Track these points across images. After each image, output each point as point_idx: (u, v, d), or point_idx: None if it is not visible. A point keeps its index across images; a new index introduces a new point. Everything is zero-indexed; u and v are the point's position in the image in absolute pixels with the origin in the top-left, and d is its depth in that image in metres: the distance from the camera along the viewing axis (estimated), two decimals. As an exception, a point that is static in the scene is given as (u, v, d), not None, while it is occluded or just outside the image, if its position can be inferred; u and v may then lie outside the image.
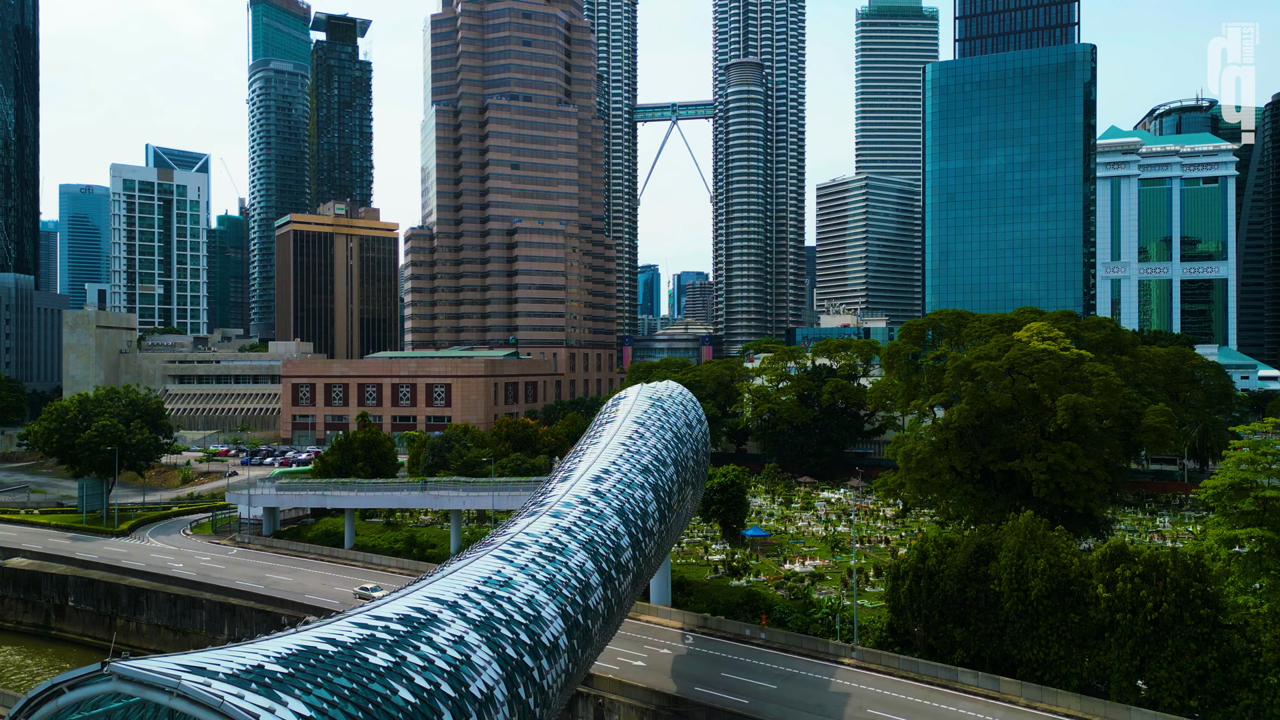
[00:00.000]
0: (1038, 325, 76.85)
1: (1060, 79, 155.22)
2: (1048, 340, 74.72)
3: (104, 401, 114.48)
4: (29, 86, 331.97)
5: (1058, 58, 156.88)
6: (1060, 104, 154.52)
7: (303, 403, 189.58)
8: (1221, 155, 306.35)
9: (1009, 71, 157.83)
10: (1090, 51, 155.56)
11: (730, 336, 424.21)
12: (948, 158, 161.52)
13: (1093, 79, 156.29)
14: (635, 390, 64.07)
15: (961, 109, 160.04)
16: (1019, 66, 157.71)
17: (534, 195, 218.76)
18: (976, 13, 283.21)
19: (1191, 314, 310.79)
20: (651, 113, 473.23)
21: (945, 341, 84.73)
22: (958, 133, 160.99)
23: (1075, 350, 75.22)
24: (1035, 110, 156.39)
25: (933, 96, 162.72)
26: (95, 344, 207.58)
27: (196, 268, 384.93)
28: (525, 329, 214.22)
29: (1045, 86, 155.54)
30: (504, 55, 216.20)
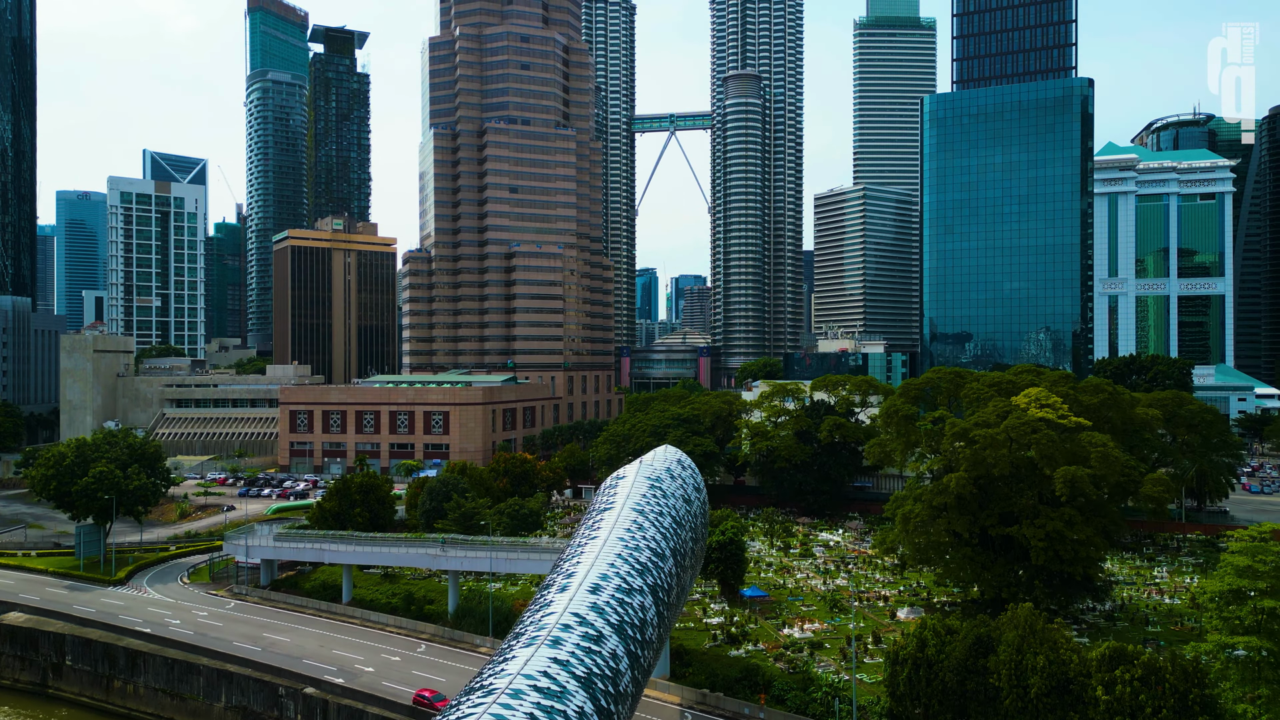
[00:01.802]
0: (1035, 391, 76.88)
1: (1058, 113, 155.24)
2: (1045, 408, 74.70)
3: (101, 446, 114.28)
4: (26, 101, 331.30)
5: (1055, 91, 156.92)
6: (1058, 137, 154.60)
7: (300, 429, 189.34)
8: (1219, 172, 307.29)
9: (1007, 105, 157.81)
10: (1087, 85, 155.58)
11: (728, 348, 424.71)
12: (945, 190, 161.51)
13: (1090, 113, 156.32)
14: (634, 471, 63.90)
15: (959, 141, 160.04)
16: (1016, 100, 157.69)
17: (532, 218, 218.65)
18: (974, 32, 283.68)
19: (1189, 329, 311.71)
20: (650, 123, 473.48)
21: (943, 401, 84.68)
22: (955, 165, 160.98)
23: (1073, 418, 75.21)
24: (1033, 143, 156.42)
25: (930, 128, 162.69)
26: (93, 368, 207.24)
27: (194, 280, 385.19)
28: (523, 352, 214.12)
29: (1043, 120, 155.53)
30: (502, 79, 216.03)
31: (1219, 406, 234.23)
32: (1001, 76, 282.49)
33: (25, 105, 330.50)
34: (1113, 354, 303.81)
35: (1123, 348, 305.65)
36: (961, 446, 73.33)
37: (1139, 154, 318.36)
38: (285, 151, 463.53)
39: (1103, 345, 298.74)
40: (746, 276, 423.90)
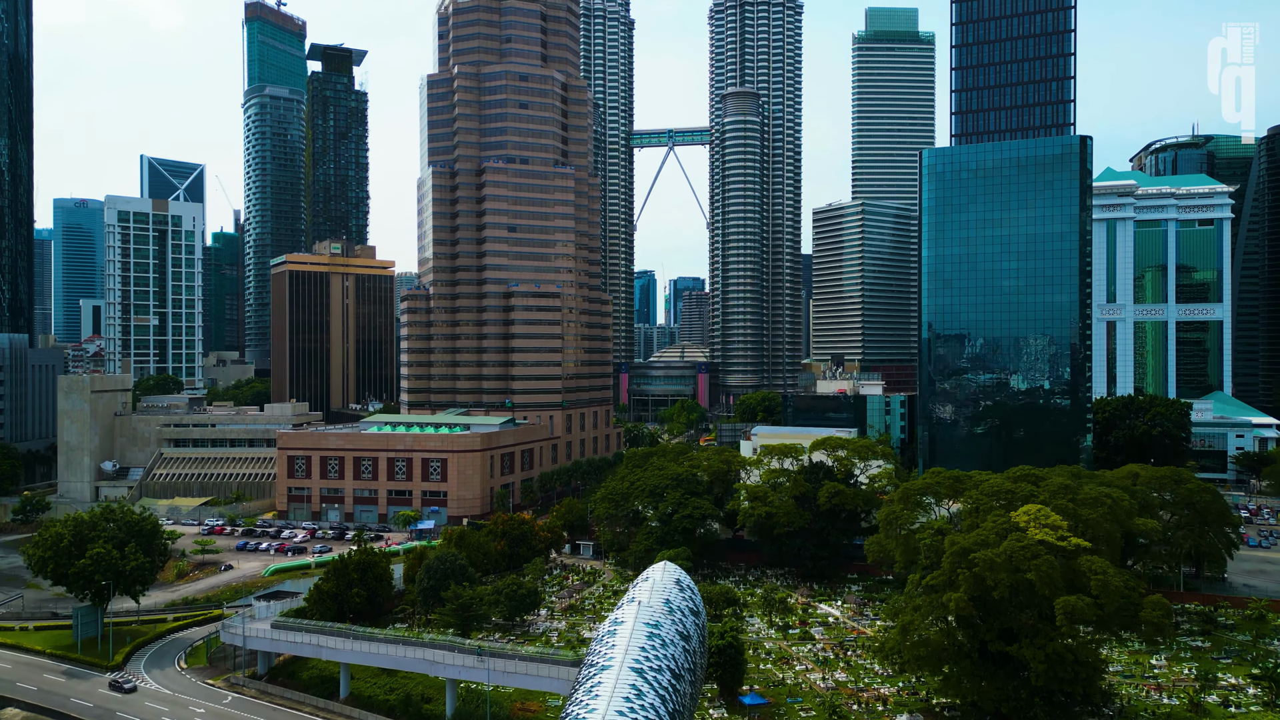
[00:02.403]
0: (1035, 509, 76.79)
1: (1055, 170, 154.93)
2: (1044, 528, 74.64)
3: (98, 523, 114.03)
4: (23, 123, 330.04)
5: (1054, 149, 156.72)
6: (1056, 194, 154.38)
7: (298, 475, 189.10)
8: (1217, 198, 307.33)
9: (1005, 161, 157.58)
10: (1085, 142, 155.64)
11: (727, 366, 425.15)
12: (944, 244, 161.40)
13: (1089, 168, 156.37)
14: (631, 617, 63.64)
15: (958, 196, 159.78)
16: (1015, 156, 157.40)
17: (531, 257, 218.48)
18: (971, 41, 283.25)
19: (1187, 354, 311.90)
20: (648, 138, 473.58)
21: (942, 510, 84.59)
22: (954, 219, 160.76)
23: (1073, 540, 75.13)
24: (1031, 200, 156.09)
25: (929, 182, 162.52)
26: (90, 409, 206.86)
27: (192, 298, 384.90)
28: (521, 392, 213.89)
29: (1041, 177, 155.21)
30: (501, 118, 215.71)
31: (1216, 444, 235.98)
32: (1001, 86, 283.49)
33: (22, 127, 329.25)
34: (1110, 380, 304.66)
35: (1120, 373, 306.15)
36: (962, 571, 73.25)
37: (1137, 179, 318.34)
38: (283, 167, 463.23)
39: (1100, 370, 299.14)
40: (745, 294, 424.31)
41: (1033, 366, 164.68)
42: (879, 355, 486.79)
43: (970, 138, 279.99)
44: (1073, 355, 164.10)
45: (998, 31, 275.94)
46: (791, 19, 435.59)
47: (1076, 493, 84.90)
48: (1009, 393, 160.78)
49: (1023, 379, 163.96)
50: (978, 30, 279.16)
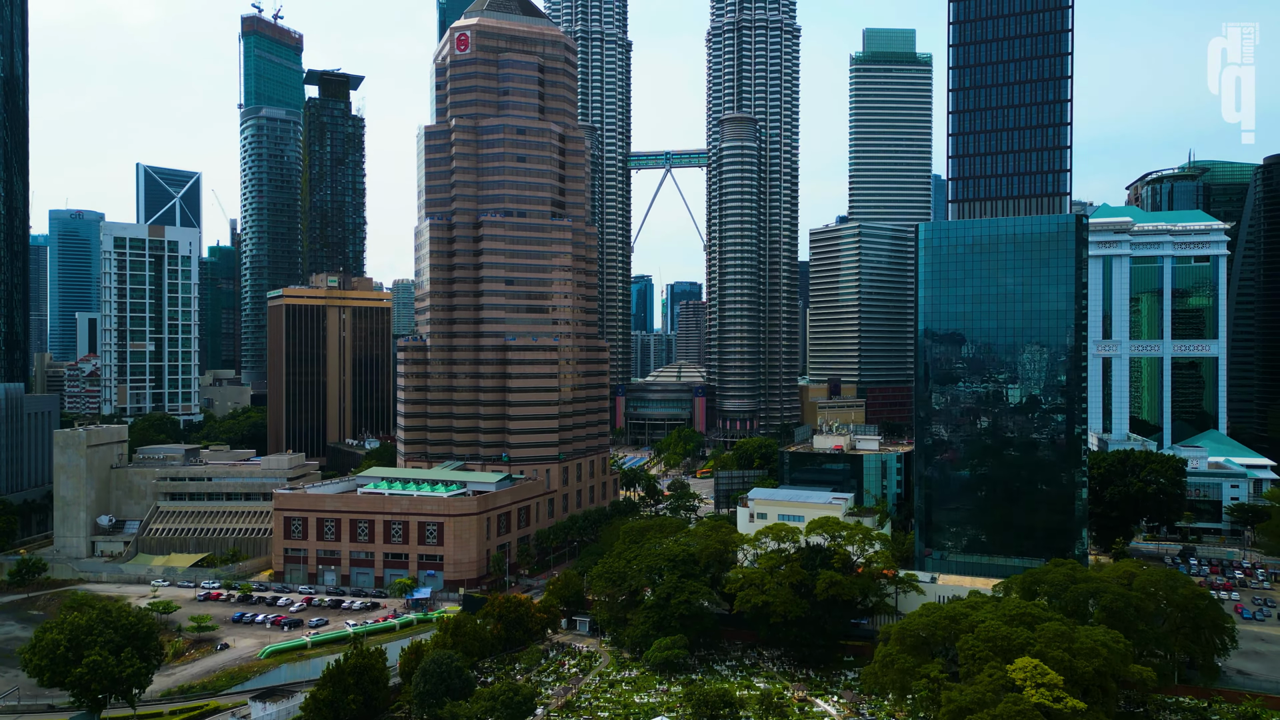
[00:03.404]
0: (1030, 665, 77.04)
1: (1052, 248, 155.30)
2: (1041, 688, 74.91)
3: (95, 628, 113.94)
4: (18, 154, 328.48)
5: (1050, 226, 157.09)
6: (1053, 271, 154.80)
7: (295, 536, 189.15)
8: (1213, 234, 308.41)
9: (1001, 237, 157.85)
10: (1080, 220, 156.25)
11: (724, 389, 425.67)
12: (940, 320, 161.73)
13: (1085, 238, 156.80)
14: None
15: (954, 270, 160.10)
16: (1012, 233, 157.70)
17: (528, 310, 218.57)
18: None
19: (1183, 384, 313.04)
20: (645, 160, 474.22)
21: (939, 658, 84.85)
22: (950, 294, 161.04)
23: (1070, 701, 75.42)
24: (1028, 276, 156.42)
25: (925, 255, 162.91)
26: (86, 463, 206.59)
27: (189, 323, 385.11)
28: (518, 446, 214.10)
29: (1038, 254, 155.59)
30: (499, 171, 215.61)
31: (1211, 493, 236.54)
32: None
33: (17, 159, 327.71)
34: (1105, 414, 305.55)
35: (1116, 409, 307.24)
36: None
37: (1133, 216, 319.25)
38: (280, 188, 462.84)
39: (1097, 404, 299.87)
40: (741, 318, 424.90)
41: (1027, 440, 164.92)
42: (875, 376, 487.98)
43: (967, 160, 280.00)
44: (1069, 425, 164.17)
45: (995, 53, 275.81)
46: (789, 43, 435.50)
47: (1073, 640, 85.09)
48: (1004, 453, 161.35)
49: (1016, 448, 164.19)
50: (975, 52, 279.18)
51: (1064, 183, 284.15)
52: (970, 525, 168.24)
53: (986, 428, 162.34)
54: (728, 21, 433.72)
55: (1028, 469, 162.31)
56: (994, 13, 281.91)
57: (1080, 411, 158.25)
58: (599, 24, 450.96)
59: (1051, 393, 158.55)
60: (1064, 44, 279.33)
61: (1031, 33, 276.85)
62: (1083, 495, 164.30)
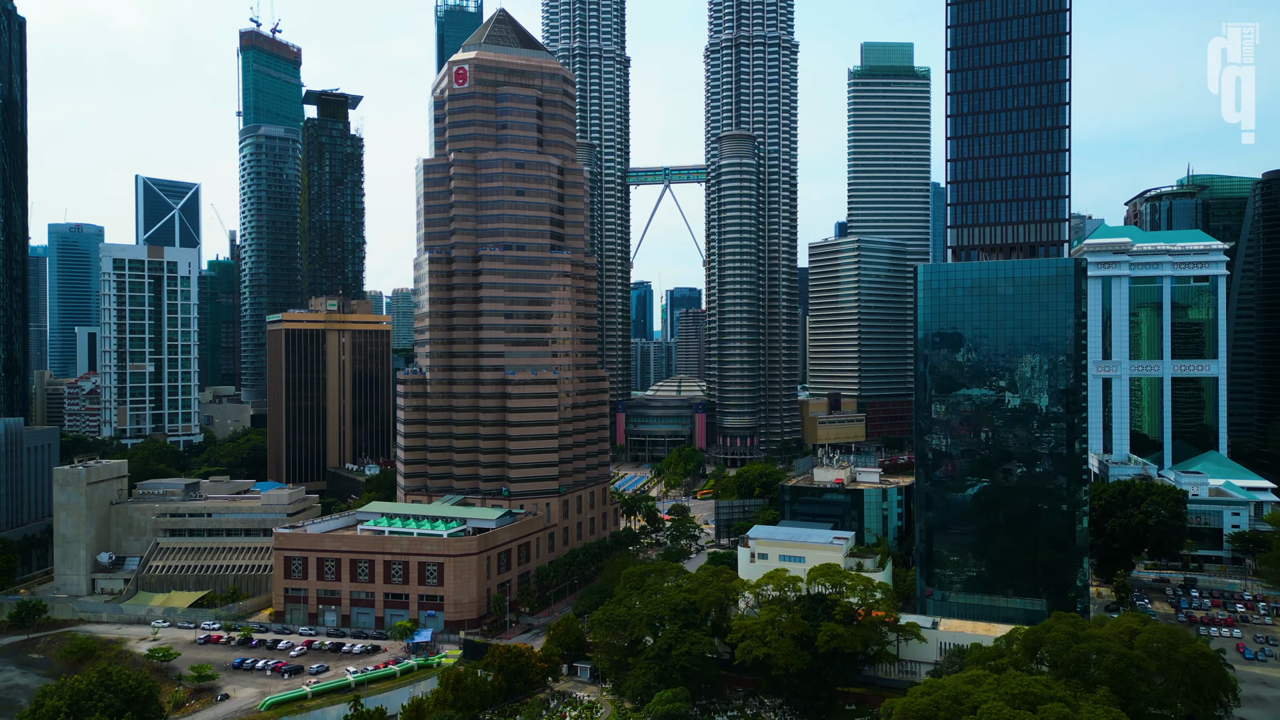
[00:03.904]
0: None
1: (1051, 291, 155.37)
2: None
3: (96, 692, 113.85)
4: (17, 181, 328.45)
5: (1049, 270, 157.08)
6: (1051, 314, 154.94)
7: (295, 575, 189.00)
8: (1212, 254, 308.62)
9: (1000, 279, 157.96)
10: (1079, 265, 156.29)
11: (724, 406, 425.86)
12: (940, 362, 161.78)
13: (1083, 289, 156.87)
14: None
15: (954, 313, 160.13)
16: (1010, 275, 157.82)
17: (528, 343, 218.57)
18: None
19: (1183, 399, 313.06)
20: (644, 176, 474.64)
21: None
22: (949, 336, 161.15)
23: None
24: (1027, 320, 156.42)
25: (925, 297, 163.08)
26: (86, 501, 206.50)
27: (188, 343, 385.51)
28: (518, 480, 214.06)
29: (1037, 298, 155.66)
30: (498, 205, 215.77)
31: (1212, 521, 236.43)
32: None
33: (16, 186, 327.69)
34: (1106, 431, 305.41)
35: (1116, 430, 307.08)
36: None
37: (1132, 236, 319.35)
38: (279, 207, 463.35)
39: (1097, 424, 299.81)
40: (741, 333, 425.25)
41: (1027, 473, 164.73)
42: (875, 391, 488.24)
43: (966, 163, 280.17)
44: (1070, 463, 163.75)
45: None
46: (787, 58, 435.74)
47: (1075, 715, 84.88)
48: (1005, 486, 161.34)
49: (1016, 483, 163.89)
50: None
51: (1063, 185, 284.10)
52: (971, 560, 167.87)
53: (987, 460, 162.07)
54: (725, 38, 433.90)
55: (1028, 499, 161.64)
56: (992, 16, 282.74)
57: (1081, 449, 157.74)
58: (597, 40, 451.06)
59: (1051, 435, 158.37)
60: (1062, 47, 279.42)
61: (1030, 36, 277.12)
62: (1084, 524, 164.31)
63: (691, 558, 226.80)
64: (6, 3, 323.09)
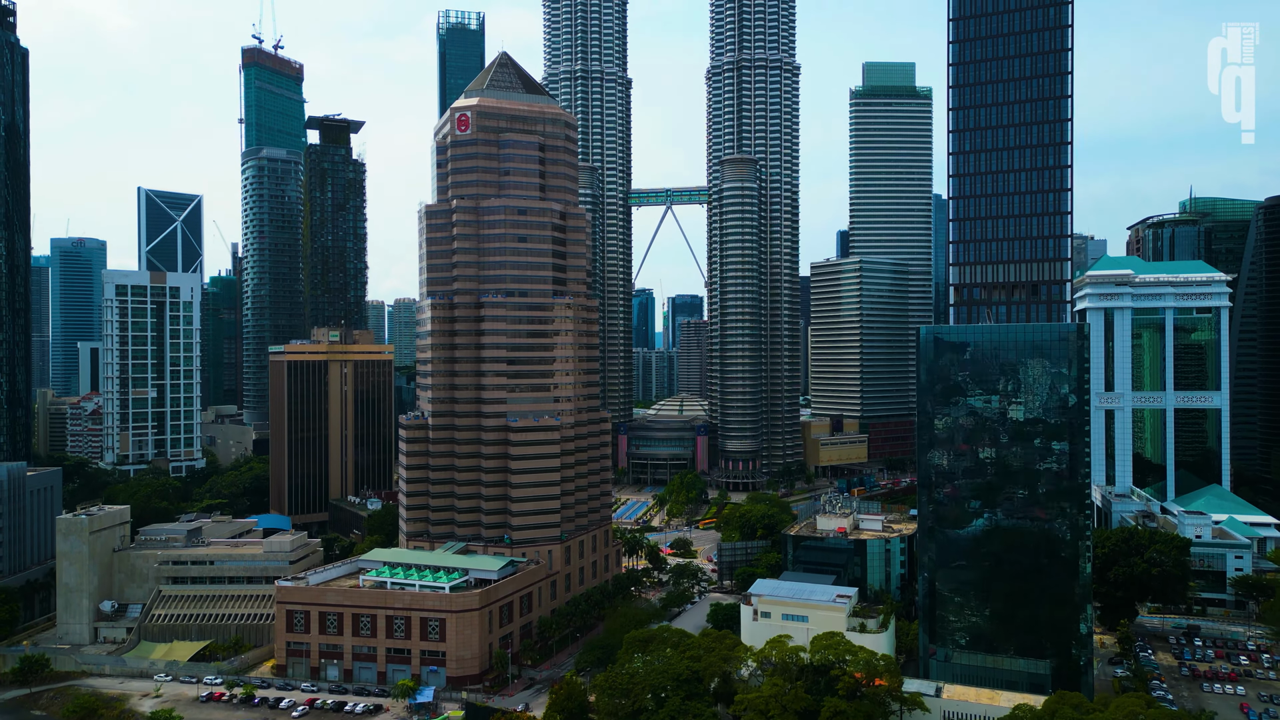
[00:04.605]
0: None
1: (1052, 356, 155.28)
2: None
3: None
4: (20, 213, 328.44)
5: (1051, 334, 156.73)
6: (1052, 380, 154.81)
7: (297, 629, 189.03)
8: (1215, 286, 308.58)
9: (1003, 344, 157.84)
10: (1081, 331, 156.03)
11: (725, 429, 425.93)
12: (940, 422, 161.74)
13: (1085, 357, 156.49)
14: None
15: (956, 374, 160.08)
16: (1013, 340, 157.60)
17: (529, 389, 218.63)
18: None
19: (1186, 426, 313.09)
20: (646, 198, 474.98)
21: None
22: (949, 398, 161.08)
23: None
24: (1030, 384, 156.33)
25: (925, 357, 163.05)
26: (89, 550, 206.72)
27: (190, 368, 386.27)
28: (520, 528, 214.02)
29: (1038, 363, 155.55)
30: (500, 252, 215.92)
31: (1215, 564, 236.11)
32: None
33: (19, 218, 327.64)
34: (1109, 460, 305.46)
35: (1119, 462, 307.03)
36: None
37: (1134, 267, 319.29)
38: (281, 229, 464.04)
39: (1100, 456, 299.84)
40: (743, 355, 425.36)
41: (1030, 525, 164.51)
42: (877, 411, 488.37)
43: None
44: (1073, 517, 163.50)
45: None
46: (789, 81, 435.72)
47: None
48: (1007, 539, 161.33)
49: (1019, 534, 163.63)
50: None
51: (1065, 225, 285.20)
52: (974, 606, 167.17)
53: (989, 513, 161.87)
54: (727, 61, 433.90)
55: (1031, 541, 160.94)
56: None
57: (1084, 480, 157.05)
58: (599, 63, 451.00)
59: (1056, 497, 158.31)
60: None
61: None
62: (1087, 570, 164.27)
63: (695, 602, 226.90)
64: (9, 34, 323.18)
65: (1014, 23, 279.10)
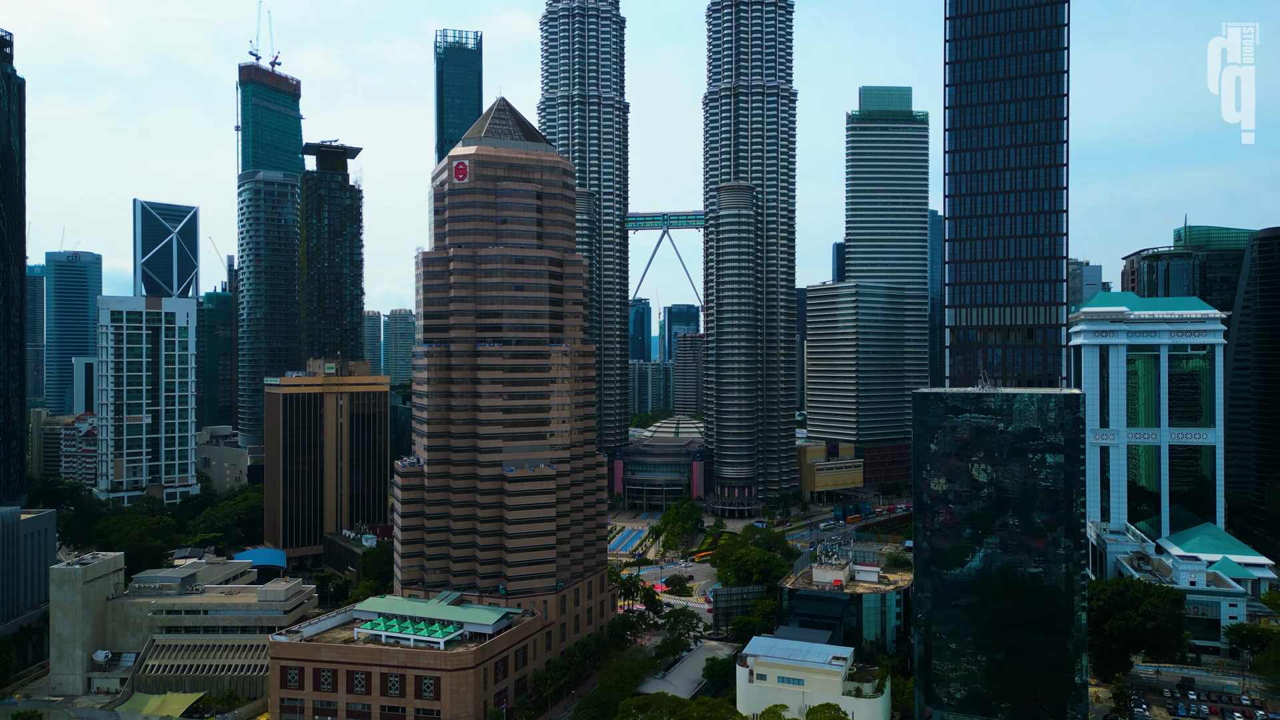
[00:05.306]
0: None
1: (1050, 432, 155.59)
2: None
3: None
4: (15, 243, 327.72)
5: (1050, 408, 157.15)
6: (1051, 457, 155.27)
7: (291, 685, 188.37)
8: (1209, 323, 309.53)
9: (999, 414, 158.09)
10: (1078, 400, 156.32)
11: (721, 455, 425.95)
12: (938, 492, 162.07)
13: (1081, 435, 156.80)
14: None
15: (950, 443, 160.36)
16: (1008, 409, 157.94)
17: (525, 437, 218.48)
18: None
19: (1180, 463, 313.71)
20: (643, 221, 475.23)
21: None
22: (946, 465, 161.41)
23: None
24: (1026, 458, 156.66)
25: (919, 428, 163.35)
26: (82, 600, 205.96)
27: (185, 394, 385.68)
28: (515, 578, 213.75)
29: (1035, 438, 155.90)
30: (496, 300, 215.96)
31: (1209, 612, 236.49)
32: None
33: (14, 248, 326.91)
34: (1104, 498, 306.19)
35: (1114, 499, 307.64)
36: None
37: (1128, 304, 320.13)
38: (277, 251, 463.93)
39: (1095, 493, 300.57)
40: (739, 381, 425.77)
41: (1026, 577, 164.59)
42: (873, 435, 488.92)
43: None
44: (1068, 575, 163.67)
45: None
46: (786, 108, 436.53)
47: None
48: (1002, 595, 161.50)
49: (1015, 588, 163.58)
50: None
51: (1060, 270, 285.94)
52: (969, 660, 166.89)
53: (985, 547, 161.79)
54: (724, 87, 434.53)
55: (1027, 589, 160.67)
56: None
57: (1080, 515, 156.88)
58: (596, 87, 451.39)
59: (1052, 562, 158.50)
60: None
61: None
62: (1082, 620, 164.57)
63: (691, 649, 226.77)
64: (6, 65, 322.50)
65: (1011, 44, 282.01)
